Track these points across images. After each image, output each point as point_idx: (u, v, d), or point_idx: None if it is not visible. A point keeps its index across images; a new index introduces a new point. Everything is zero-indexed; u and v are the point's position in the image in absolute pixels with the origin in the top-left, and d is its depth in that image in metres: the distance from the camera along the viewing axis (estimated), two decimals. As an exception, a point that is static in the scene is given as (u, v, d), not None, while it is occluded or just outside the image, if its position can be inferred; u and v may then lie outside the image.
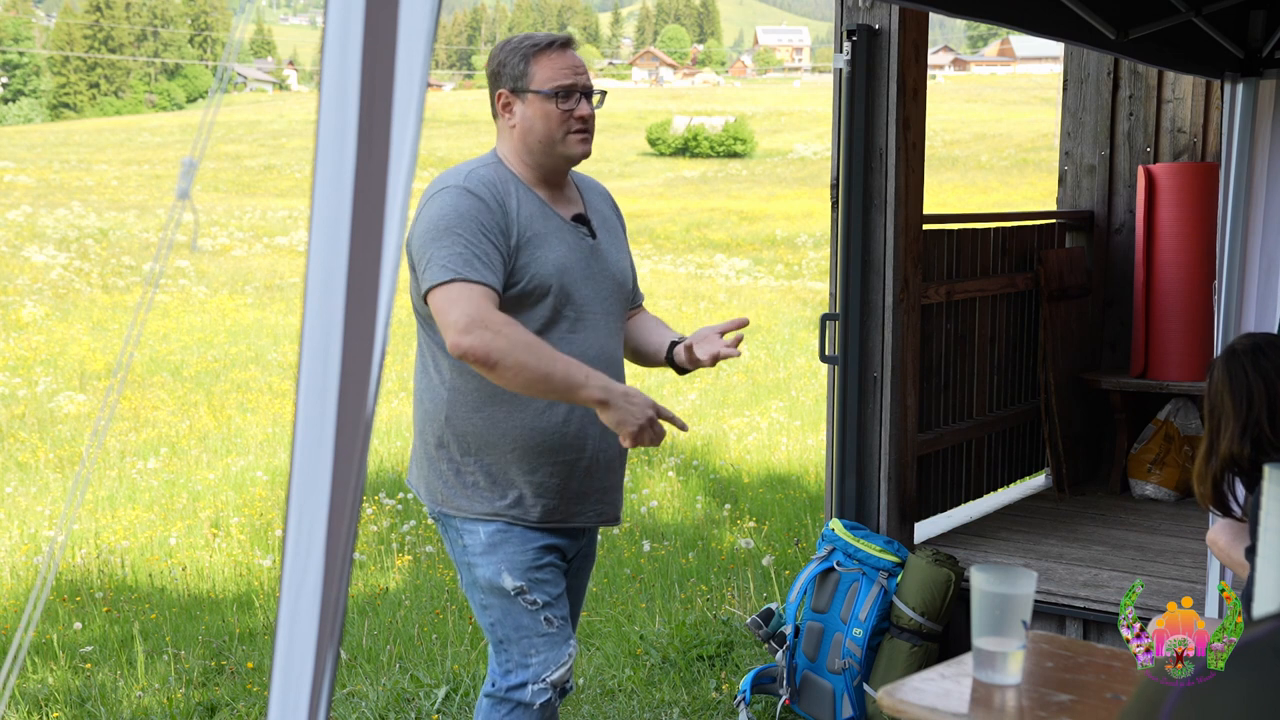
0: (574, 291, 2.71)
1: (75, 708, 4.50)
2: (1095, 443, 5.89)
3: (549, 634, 2.74)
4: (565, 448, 2.73)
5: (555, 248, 2.70)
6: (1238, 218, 3.88)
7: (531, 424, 2.70)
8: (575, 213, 2.81)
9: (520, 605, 2.73)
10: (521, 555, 2.73)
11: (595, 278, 2.77)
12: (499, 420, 2.69)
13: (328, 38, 1.12)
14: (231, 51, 2.79)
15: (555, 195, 2.79)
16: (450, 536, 2.81)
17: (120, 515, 7.78)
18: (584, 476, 2.78)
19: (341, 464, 1.11)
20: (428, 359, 2.76)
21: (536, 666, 2.74)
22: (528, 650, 2.74)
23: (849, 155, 4.34)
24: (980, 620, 2.21)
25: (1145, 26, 3.59)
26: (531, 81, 2.70)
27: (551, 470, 2.73)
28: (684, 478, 8.35)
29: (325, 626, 1.11)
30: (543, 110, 2.70)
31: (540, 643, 2.74)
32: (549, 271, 2.67)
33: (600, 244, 2.82)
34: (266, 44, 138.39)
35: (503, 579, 2.72)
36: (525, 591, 2.72)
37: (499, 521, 2.73)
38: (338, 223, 1.12)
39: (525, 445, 2.70)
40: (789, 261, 23.42)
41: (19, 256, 20.41)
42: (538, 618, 2.73)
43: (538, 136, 2.71)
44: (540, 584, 2.74)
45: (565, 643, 2.76)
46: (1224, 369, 2.68)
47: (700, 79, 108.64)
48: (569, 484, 2.76)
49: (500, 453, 2.71)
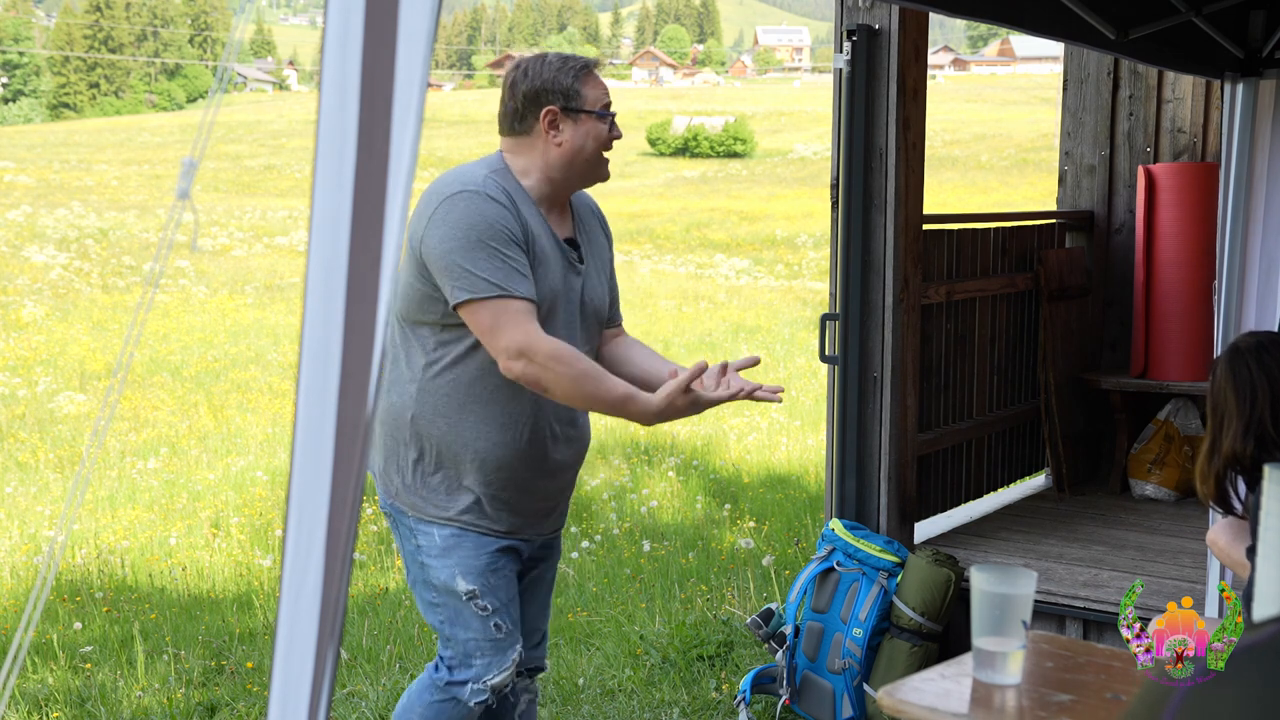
0: (557, 314, 2.72)
1: (75, 708, 4.50)
2: (1095, 443, 5.89)
3: (496, 639, 2.77)
4: (525, 464, 2.74)
5: (553, 269, 2.71)
6: (1238, 218, 3.88)
7: (496, 438, 2.70)
8: (567, 235, 2.81)
9: (471, 609, 2.75)
10: (476, 559, 2.74)
11: (574, 304, 2.78)
12: (463, 430, 2.70)
13: (328, 38, 1.12)
14: (231, 51, 2.80)
15: (555, 215, 2.78)
16: (402, 533, 2.82)
17: (120, 515, 7.78)
18: (539, 496, 2.80)
19: (341, 464, 1.11)
20: (401, 352, 2.75)
21: (479, 669, 2.77)
22: (473, 652, 2.77)
23: (849, 155, 4.34)
24: (980, 620, 2.21)
25: (1145, 26, 3.59)
26: (585, 102, 2.71)
27: (506, 485, 2.74)
28: (684, 478, 8.35)
29: (325, 626, 1.11)
30: (595, 131, 2.72)
31: (487, 646, 2.77)
32: (544, 294, 2.68)
33: (586, 270, 2.82)
34: (266, 44, 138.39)
35: (456, 582, 2.74)
36: (477, 596, 2.74)
37: (453, 526, 2.74)
38: (338, 223, 1.12)
39: (486, 457, 2.70)
40: (789, 261, 23.42)
41: (19, 256, 20.41)
42: (487, 623, 2.76)
43: (586, 156, 2.72)
44: (493, 589, 2.76)
45: (511, 648, 2.79)
46: (1227, 367, 2.68)
47: (700, 79, 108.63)
48: (523, 499, 2.77)
49: (461, 461, 2.71)
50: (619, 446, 9.30)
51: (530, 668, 3.00)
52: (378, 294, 1.10)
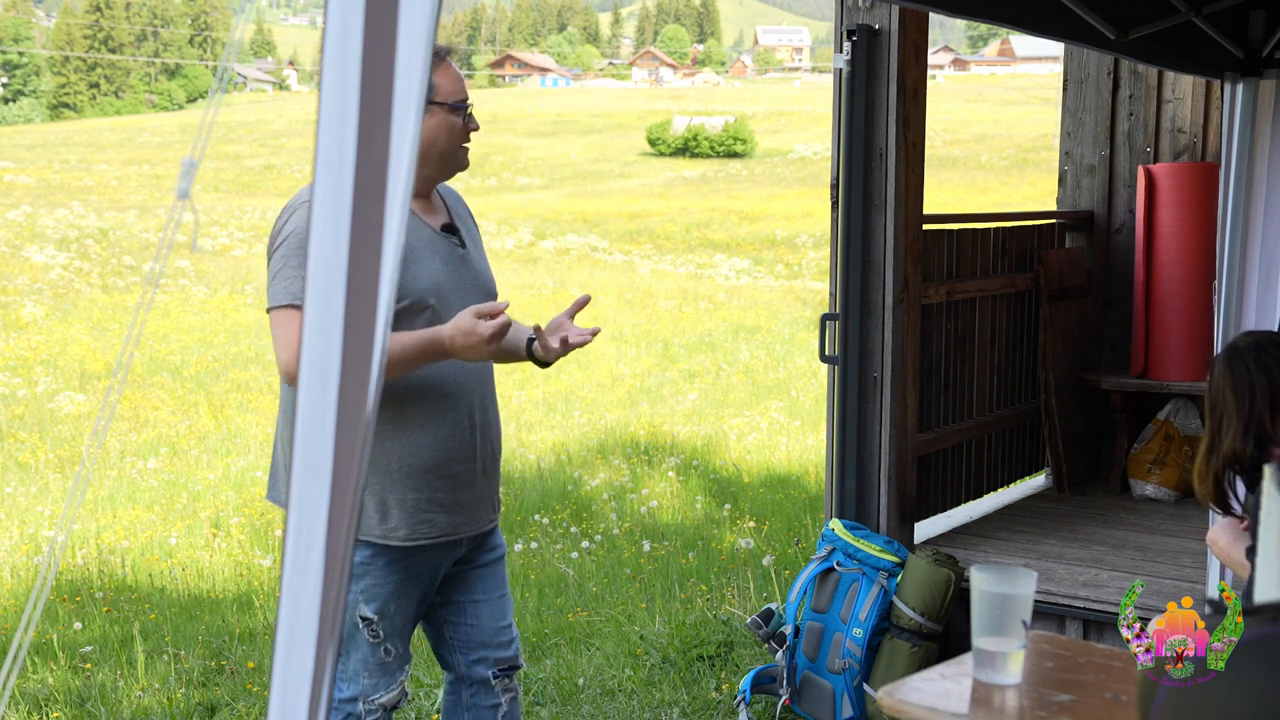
0: (450, 303, 2.69)
1: (75, 708, 4.50)
2: (1095, 443, 5.89)
3: (384, 663, 2.81)
4: (452, 460, 2.73)
5: (429, 262, 2.70)
6: (1238, 218, 3.88)
7: (419, 440, 2.69)
8: (444, 222, 2.80)
9: (363, 635, 2.77)
10: (382, 587, 2.75)
11: (467, 287, 2.76)
12: (385, 439, 2.68)
13: (328, 38, 1.12)
14: (231, 51, 2.80)
15: (424, 206, 2.77)
16: None
17: (120, 515, 7.78)
18: (469, 488, 2.79)
19: (341, 464, 1.11)
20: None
21: (367, 687, 2.81)
22: (360, 671, 2.80)
23: (849, 155, 4.34)
24: (980, 620, 2.21)
25: (1145, 26, 3.59)
26: (436, 93, 2.67)
27: (439, 485, 2.72)
28: (684, 478, 8.35)
29: (325, 626, 1.11)
30: (448, 124, 2.69)
31: (375, 668, 2.80)
32: (424, 286, 2.66)
33: (469, 253, 2.81)
34: (266, 44, 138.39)
35: (359, 607, 2.75)
36: (374, 622, 2.76)
37: (372, 547, 2.72)
38: (338, 222, 1.12)
39: (413, 463, 2.69)
40: (789, 261, 23.41)
41: (19, 256, 20.41)
42: (377, 649, 2.79)
43: (440, 149, 2.69)
44: (391, 616, 2.77)
45: (399, 669, 2.83)
46: (1226, 366, 2.67)
47: (700, 79, 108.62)
48: (456, 497, 2.76)
49: (387, 473, 2.69)
50: (619, 447, 9.31)
51: (505, 667, 3.00)
52: (378, 294, 1.11)
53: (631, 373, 13.31)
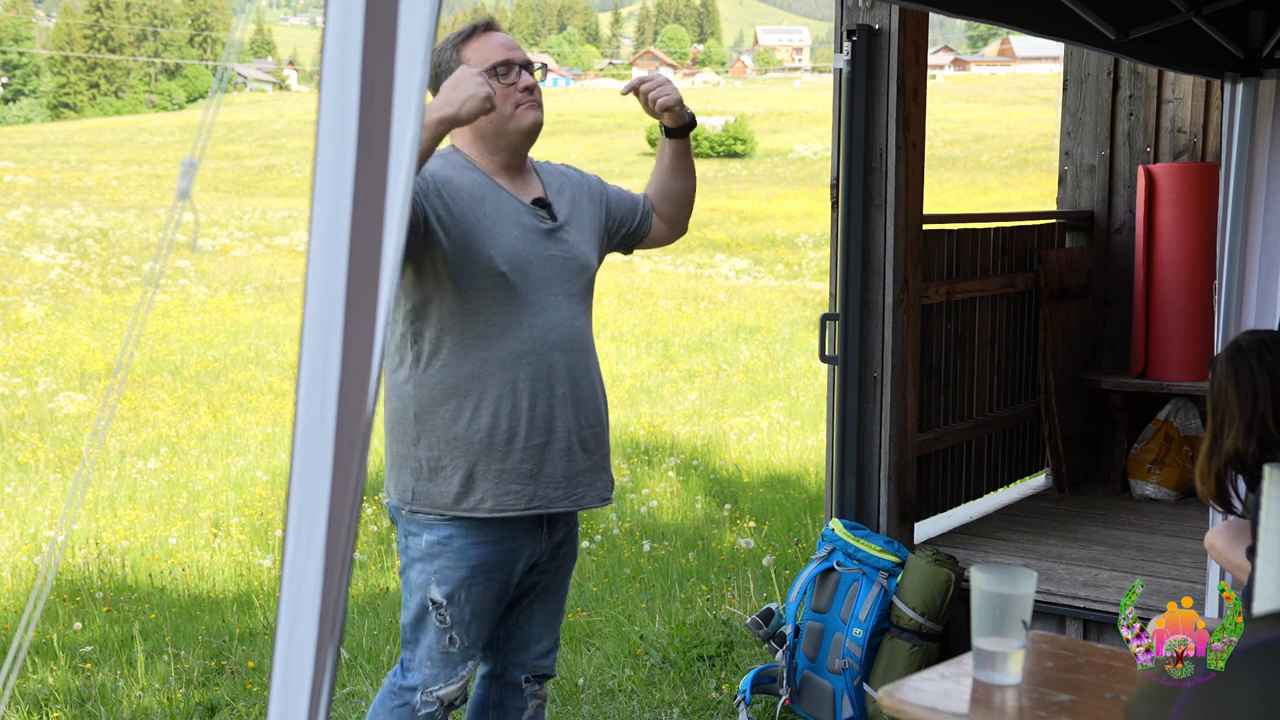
0: (530, 274, 2.71)
1: (75, 708, 4.50)
2: (1095, 443, 5.89)
3: (448, 653, 2.77)
4: (534, 432, 2.72)
5: (507, 231, 2.71)
6: (1238, 218, 3.88)
7: (497, 410, 2.69)
8: (535, 196, 2.81)
9: (432, 619, 2.75)
10: (455, 570, 2.73)
11: (553, 260, 2.77)
12: (465, 410, 2.69)
13: (328, 38, 1.12)
14: (231, 51, 2.79)
15: (515, 181, 2.79)
16: (399, 532, 2.84)
17: (120, 515, 7.79)
18: (559, 459, 2.77)
19: (341, 464, 1.11)
20: (394, 357, 2.77)
21: (427, 678, 2.78)
22: (424, 660, 2.78)
23: (849, 155, 4.34)
24: (980, 620, 2.21)
25: (1145, 26, 3.59)
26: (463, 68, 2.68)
27: (523, 456, 2.71)
28: (684, 478, 8.35)
29: (325, 626, 1.11)
30: None
31: (438, 658, 2.77)
32: (495, 253, 2.67)
33: (564, 227, 2.82)
34: (266, 44, 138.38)
35: (430, 589, 2.74)
36: (442, 607, 2.74)
37: (451, 526, 2.72)
38: (338, 223, 1.12)
39: (493, 434, 2.69)
40: (789, 261, 23.42)
41: (19, 256, 20.41)
42: (442, 637, 2.76)
43: (489, 117, 2.68)
44: (462, 604, 2.75)
45: (463, 664, 2.79)
46: (1228, 365, 2.66)
47: (700, 79, 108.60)
48: (543, 469, 2.75)
49: (469, 444, 2.69)
50: (619, 447, 9.30)
51: (538, 675, 2.99)
52: (378, 294, 1.11)
53: (631, 372, 13.31)
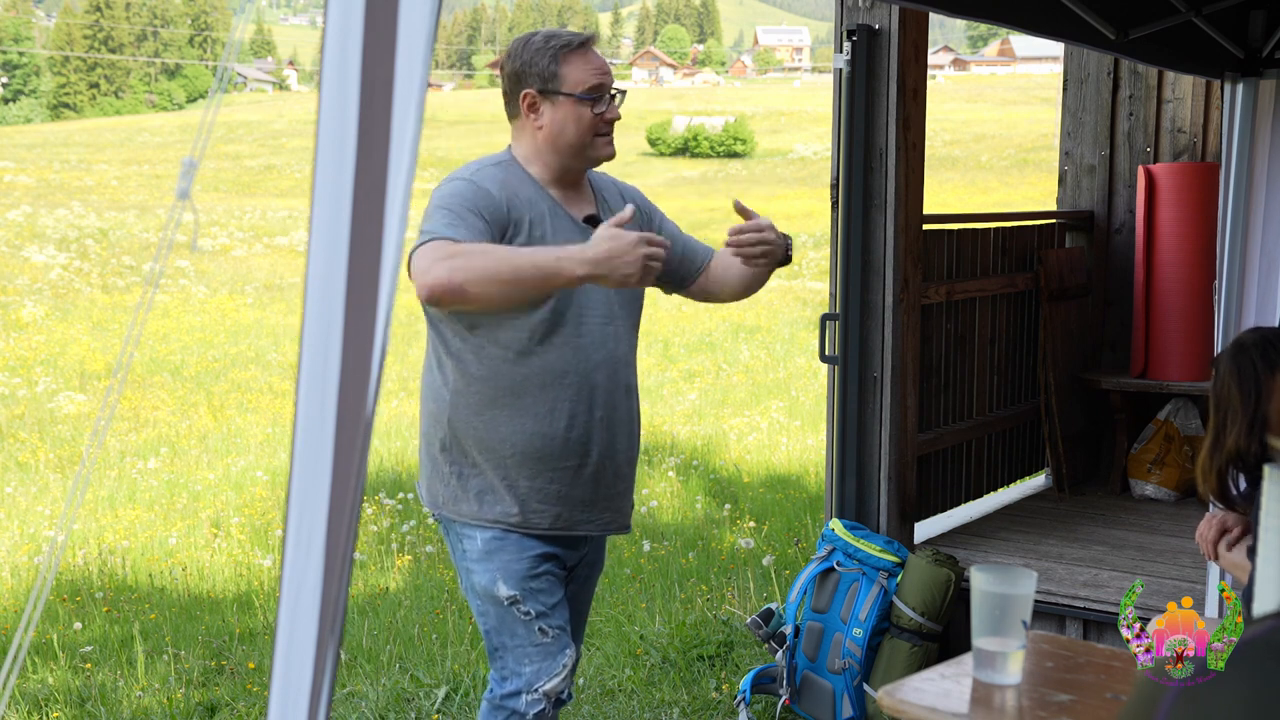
0: (578, 294, 2.66)
1: (75, 708, 4.50)
2: (1095, 443, 5.89)
3: (543, 644, 2.71)
4: (568, 453, 2.69)
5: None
6: (1238, 218, 3.88)
7: (533, 429, 2.66)
8: (588, 214, 2.75)
9: (514, 614, 2.70)
10: (517, 563, 2.70)
11: None
12: (500, 424, 2.66)
13: (328, 38, 1.12)
14: (231, 51, 2.79)
15: (569, 196, 2.73)
16: (451, 540, 2.80)
17: (120, 515, 7.78)
18: (589, 484, 2.74)
19: (341, 464, 1.11)
20: (433, 360, 2.74)
21: (529, 675, 2.71)
22: (521, 659, 2.72)
23: (849, 155, 4.34)
24: (980, 620, 2.21)
25: (1145, 26, 3.59)
26: (563, 84, 2.63)
27: (553, 476, 2.69)
28: (684, 478, 8.35)
29: (325, 626, 1.11)
30: (575, 114, 2.64)
31: (534, 652, 2.71)
32: None
33: None
34: (266, 44, 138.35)
35: (497, 587, 2.70)
36: (519, 601, 2.69)
37: (496, 528, 2.70)
38: (338, 223, 1.12)
39: (526, 450, 2.66)
40: (789, 261, 23.37)
41: (19, 256, 20.41)
42: (532, 628, 2.71)
43: (568, 140, 2.65)
44: (535, 593, 2.71)
45: (560, 652, 2.72)
46: (1231, 363, 2.65)
47: (700, 79, 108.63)
48: (572, 491, 2.72)
49: (501, 458, 2.67)
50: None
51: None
52: (378, 294, 1.11)
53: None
